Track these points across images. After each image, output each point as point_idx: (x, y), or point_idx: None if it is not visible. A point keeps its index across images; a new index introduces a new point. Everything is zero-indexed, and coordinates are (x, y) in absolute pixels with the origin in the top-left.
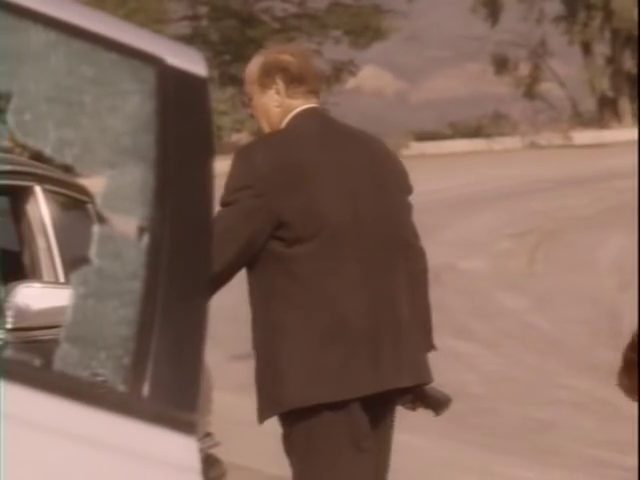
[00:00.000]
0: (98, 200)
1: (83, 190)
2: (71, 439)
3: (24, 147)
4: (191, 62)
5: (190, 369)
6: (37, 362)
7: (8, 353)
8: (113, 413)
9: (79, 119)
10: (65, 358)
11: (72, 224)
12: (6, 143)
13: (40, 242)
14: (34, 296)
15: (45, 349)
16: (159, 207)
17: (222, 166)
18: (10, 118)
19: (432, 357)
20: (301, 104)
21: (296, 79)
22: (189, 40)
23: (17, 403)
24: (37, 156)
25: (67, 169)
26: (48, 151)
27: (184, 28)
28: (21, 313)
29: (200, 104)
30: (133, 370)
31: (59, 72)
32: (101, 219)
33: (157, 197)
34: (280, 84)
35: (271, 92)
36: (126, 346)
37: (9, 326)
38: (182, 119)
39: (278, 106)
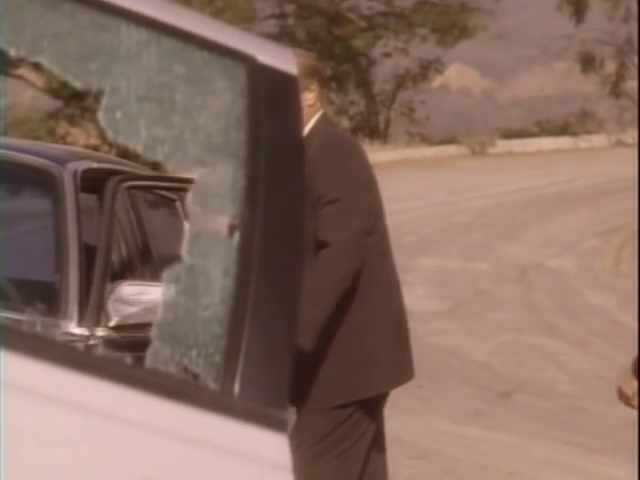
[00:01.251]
0: (189, 198)
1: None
2: (163, 436)
3: (111, 145)
4: (282, 60)
5: (281, 367)
6: (129, 359)
7: (102, 350)
8: (204, 410)
9: (170, 117)
10: (157, 355)
11: (161, 221)
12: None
13: (129, 239)
14: (135, 293)
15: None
16: (250, 205)
17: None
18: (101, 116)
19: (521, 355)
20: (321, 106)
21: (324, 84)
22: (276, 38)
23: (110, 400)
24: (125, 154)
25: (155, 167)
26: (139, 149)
27: (271, 26)
28: (118, 311)
29: (290, 102)
30: (224, 368)
31: (151, 70)
32: (191, 216)
33: (248, 195)
34: (316, 86)
35: (306, 92)
36: (217, 344)
37: (112, 324)
38: (273, 117)
39: (311, 105)
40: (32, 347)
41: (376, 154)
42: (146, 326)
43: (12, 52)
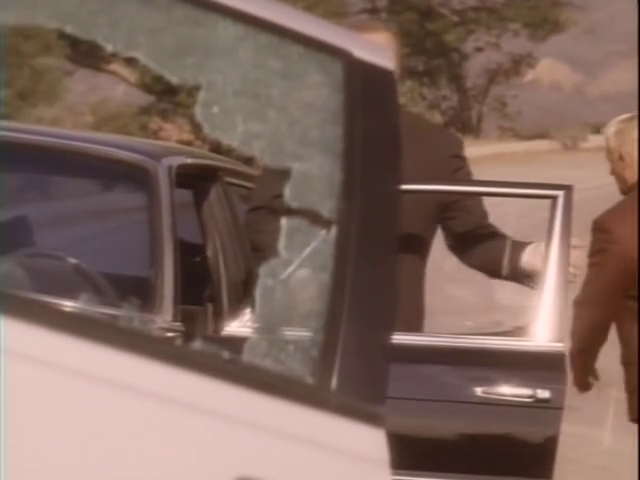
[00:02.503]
0: (285, 193)
1: None
2: (260, 431)
3: (204, 140)
4: (378, 55)
5: (377, 362)
6: (226, 354)
7: (199, 345)
8: (301, 405)
9: (266, 112)
10: (254, 350)
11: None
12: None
13: (224, 235)
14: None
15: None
16: (346, 199)
17: None
18: (198, 111)
19: (616, 350)
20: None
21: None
22: None
23: (207, 395)
24: (218, 149)
25: (248, 162)
26: (236, 144)
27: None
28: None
29: (387, 97)
30: (321, 362)
31: (247, 65)
32: (288, 212)
33: (344, 189)
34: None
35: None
36: (314, 338)
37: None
38: (369, 112)
39: None
40: (130, 342)
41: (468, 148)
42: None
43: (108, 48)
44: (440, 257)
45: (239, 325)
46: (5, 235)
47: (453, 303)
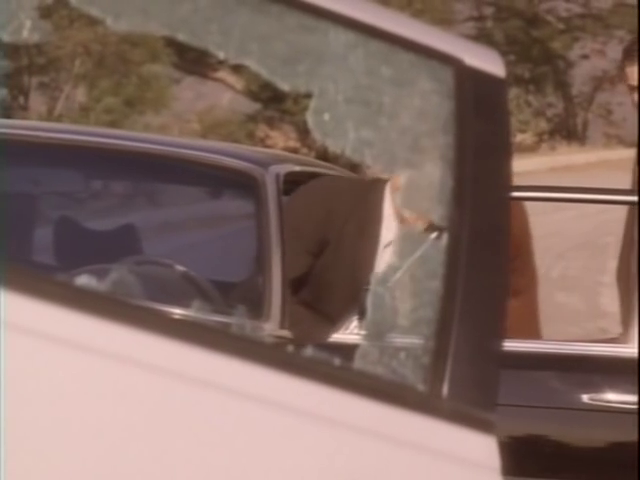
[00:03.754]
0: (397, 200)
1: None
2: (371, 438)
3: (310, 147)
4: (489, 62)
5: (488, 368)
6: (337, 361)
7: (310, 352)
8: (413, 412)
9: (377, 119)
10: (365, 357)
11: None
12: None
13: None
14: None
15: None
16: (457, 206)
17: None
18: (310, 118)
19: None
20: None
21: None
22: (474, 41)
23: (319, 401)
24: (324, 156)
25: (354, 169)
26: (347, 151)
27: (469, 29)
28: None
29: (498, 105)
30: (432, 369)
31: (358, 73)
32: (400, 218)
33: (455, 196)
34: None
35: None
36: (425, 345)
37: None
38: (480, 120)
39: None
40: (241, 349)
41: (574, 155)
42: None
43: (220, 55)
44: (549, 265)
45: (347, 332)
46: (114, 243)
47: (561, 310)
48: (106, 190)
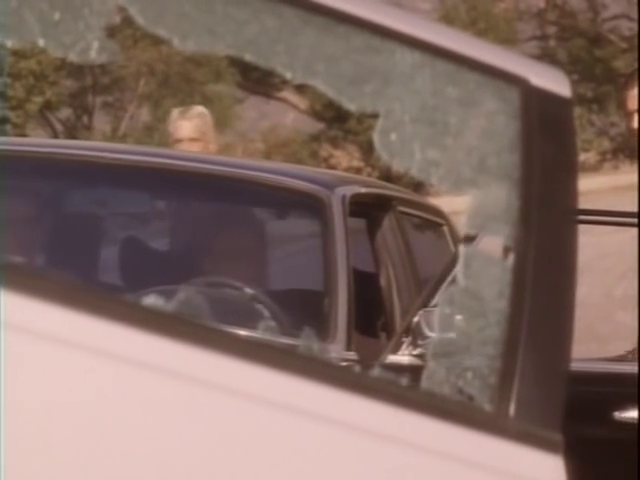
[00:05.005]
0: (464, 220)
1: (437, 211)
2: (439, 458)
3: (374, 167)
4: (555, 82)
5: (555, 388)
6: (404, 381)
7: (377, 373)
8: (480, 432)
9: (444, 139)
10: (432, 377)
11: (427, 245)
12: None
13: (396, 264)
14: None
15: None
16: (524, 226)
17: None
18: (376, 138)
19: None
20: None
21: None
22: (537, 60)
23: (386, 421)
24: (387, 176)
25: (417, 189)
26: (413, 171)
27: (532, 48)
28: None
29: (565, 125)
30: (499, 389)
31: (424, 93)
32: (464, 239)
33: (521, 216)
34: None
35: None
36: (492, 365)
37: (417, 351)
38: (547, 140)
39: None
40: (308, 369)
41: (637, 175)
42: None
43: (287, 76)
44: (610, 284)
45: (410, 353)
46: (180, 263)
47: (622, 329)
48: (171, 211)
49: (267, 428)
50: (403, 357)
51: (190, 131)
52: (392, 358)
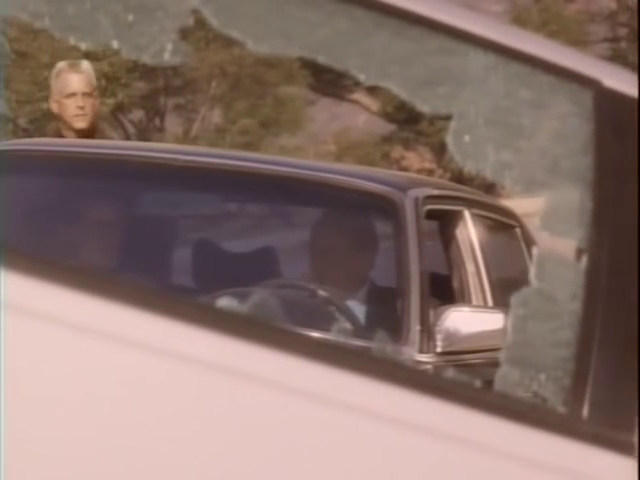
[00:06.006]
0: (537, 222)
1: (510, 213)
2: (513, 460)
3: (445, 169)
4: (627, 84)
5: (629, 390)
6: (477, 383)
7: (450, 374)
8: (553, 434)
9: (517, 141)
10: (506, 379)
11: (499, 247)
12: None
13: (469, 266)
14: (463, 320)
15: (475, 372)
16: (597, 228)
17: None
18: (450, 140)
19: None
20: None
21: None
22: (609, 62)
23: (459, 423)
24: (459, 178)
25: (489, 191)
26: (487, 173)
27: (604, 50)
28: (450, 337)
29: (638, 127)
30: (573, 391)
31: (497, 95)
32: (539, 240)
33: (595, 218)
34: None
35: None
36: (566, 367)
37: (439, 350)
38: (619, 141)
39: None
40: (381, 371)
41: None
42: (474, 352)
43: (361, 78)
44: None
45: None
46: (252, 265)
47: None
48: (244, 212)
49: (341, 430)
50: (431, 356)
51: (83, 85)
52: (420, 357)
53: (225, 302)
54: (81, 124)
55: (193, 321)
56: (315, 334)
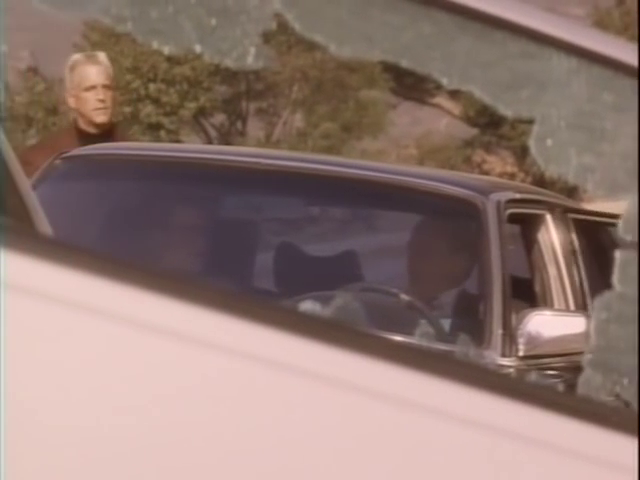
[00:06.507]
0: (619, 225)
1: (594, 216)
2: (595, 465)
3: (527, 172)
4: None
5: None
6: (560, 387)
7: (533, 378)
8: (637, 438)
9: (600, 145)
10: (588, 383)
11: (581, 250)
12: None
13: (551, 269)
14: (545, 324)
15: (557, 376)
16: None
17: None
18: (532, 144)
19: None
20: None
21: None
22: None
23: (543, 428)
24: (540, 181)
25: (570, 194)
26: (570, 177)
27: None
28: (532, 340)
29: None
30: None
31: (580, 98)
32: (621, 244)
33: None
34: None
35: None
36: None
37: (521, 353)
38: None
39: None
40: (464, 375)
41: None
42: (555, 356)
43: (444, 81)
44: None
45: (521, 356)
46: (334, 268)
47: None
48: (326, 216)
49: (425, 434)
50: (513, 360)
51: (103, 77)
52: (502, 360)
53: (308, 306)
54: (102, 118)
55: (276, 325)
56: (398, 338)
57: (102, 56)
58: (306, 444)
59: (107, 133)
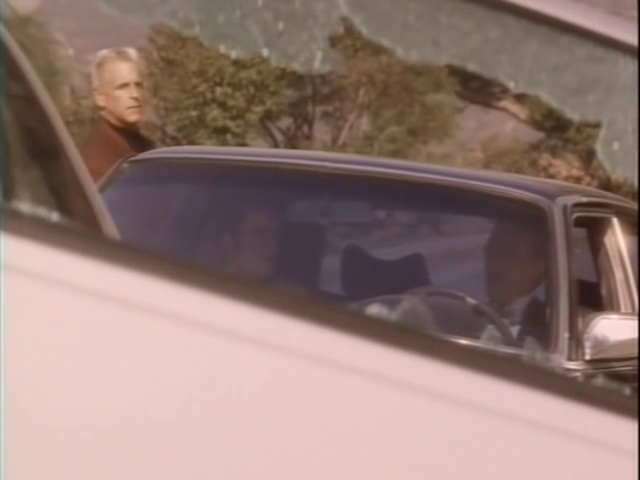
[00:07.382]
0: None
1: None
2: None
3: (593, 176)
4: None
5: None
6: (627, 390)
7: (600, 382)
8: None
9: None
10: None
11: None
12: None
13: (617, 273)
14: (611, 327)
15: (624, 379)
16: None
17: None
18: (599, 148)
19: None
20: None
21: None
22: None
23: (608, 430)
24: (606, 185)
25: (635, 198)
26: (637, 182)
27: None
28: (599, 344)
29: None
30: None
31: None
32: None
33: None
34: None
35: None
36: None
37: (587, 357)
38: None
39: None
40: (531, 379)
41: None
42: (622, 360)
43: (511, 85)
44: None
45: (588, 359)
46: (401, 272)
47: None
48: (392, 220)
49: (493, 438)
50: (580, 364)
51: (135, 74)
52: (569, 364)
53: (375, 309)
54: (135, 116)
55: (343, 328)
56: (465, 341)
57: (133, 52)
58: (381, 448)
59: (134, 133)
